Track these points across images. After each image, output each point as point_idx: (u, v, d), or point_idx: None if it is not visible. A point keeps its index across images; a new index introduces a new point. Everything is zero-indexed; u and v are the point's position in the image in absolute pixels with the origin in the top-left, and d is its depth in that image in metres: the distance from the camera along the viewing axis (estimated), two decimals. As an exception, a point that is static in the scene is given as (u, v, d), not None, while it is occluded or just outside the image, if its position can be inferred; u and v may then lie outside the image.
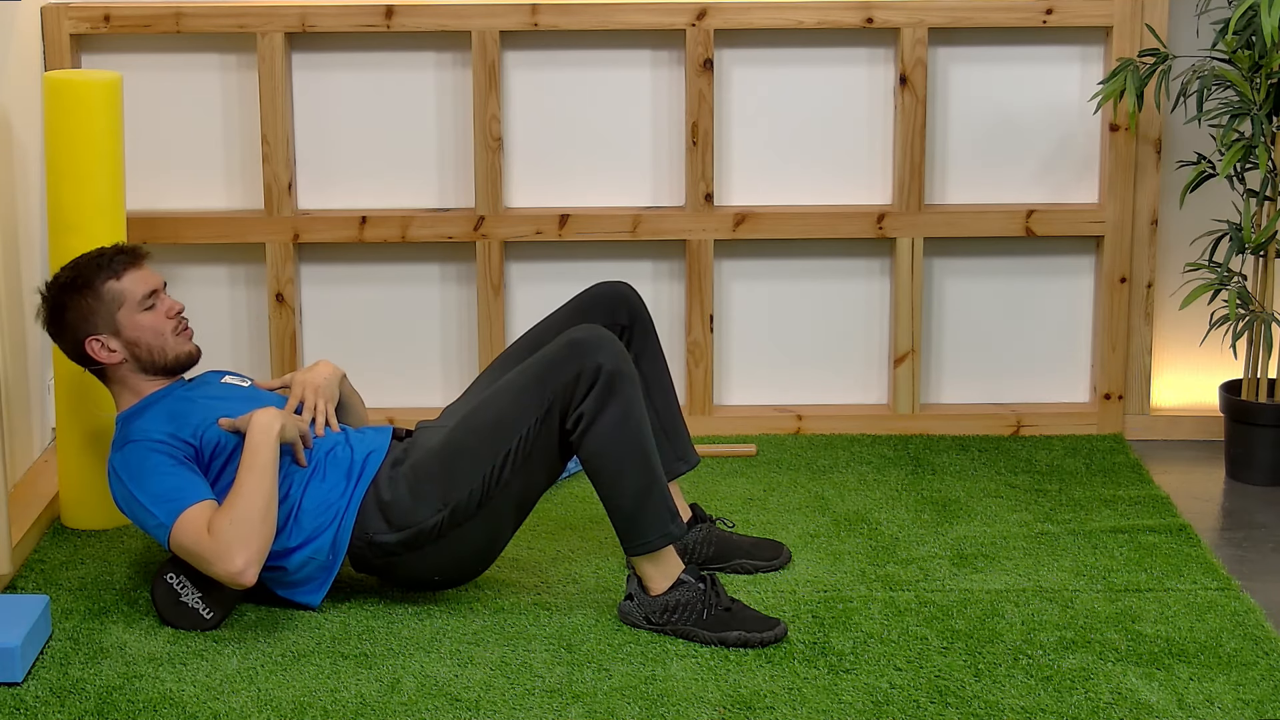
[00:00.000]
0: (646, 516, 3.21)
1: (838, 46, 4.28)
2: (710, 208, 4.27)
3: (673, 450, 3.52)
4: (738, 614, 3.20)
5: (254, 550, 3.13)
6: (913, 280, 4.30)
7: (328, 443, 3.38)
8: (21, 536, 3.57)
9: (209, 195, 4.34)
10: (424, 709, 2.95)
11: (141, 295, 3.35)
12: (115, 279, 3.35)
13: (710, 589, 3.22)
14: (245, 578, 3.12)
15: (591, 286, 3.57)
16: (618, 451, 3.19)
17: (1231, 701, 2.97)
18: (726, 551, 3.52)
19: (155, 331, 3.35)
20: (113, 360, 3.35)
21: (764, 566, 3.51)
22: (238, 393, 3.43)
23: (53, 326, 3.39)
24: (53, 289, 3.39)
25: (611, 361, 3.19)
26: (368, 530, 3.28)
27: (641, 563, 3.24)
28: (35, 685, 3.04)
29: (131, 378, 3.37)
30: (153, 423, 3.29)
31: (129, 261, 3.37)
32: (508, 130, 4.30)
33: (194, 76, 4.28)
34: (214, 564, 3.12)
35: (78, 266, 3.38)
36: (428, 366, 4.43)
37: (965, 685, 3.02)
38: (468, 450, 3.25)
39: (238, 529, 3.13)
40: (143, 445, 3.25)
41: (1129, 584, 3.45)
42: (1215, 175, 4.01)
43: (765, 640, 3.17)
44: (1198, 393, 4.41)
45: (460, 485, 3.23)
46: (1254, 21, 3.79)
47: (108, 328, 3.34)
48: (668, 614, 3.21)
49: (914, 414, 4.37)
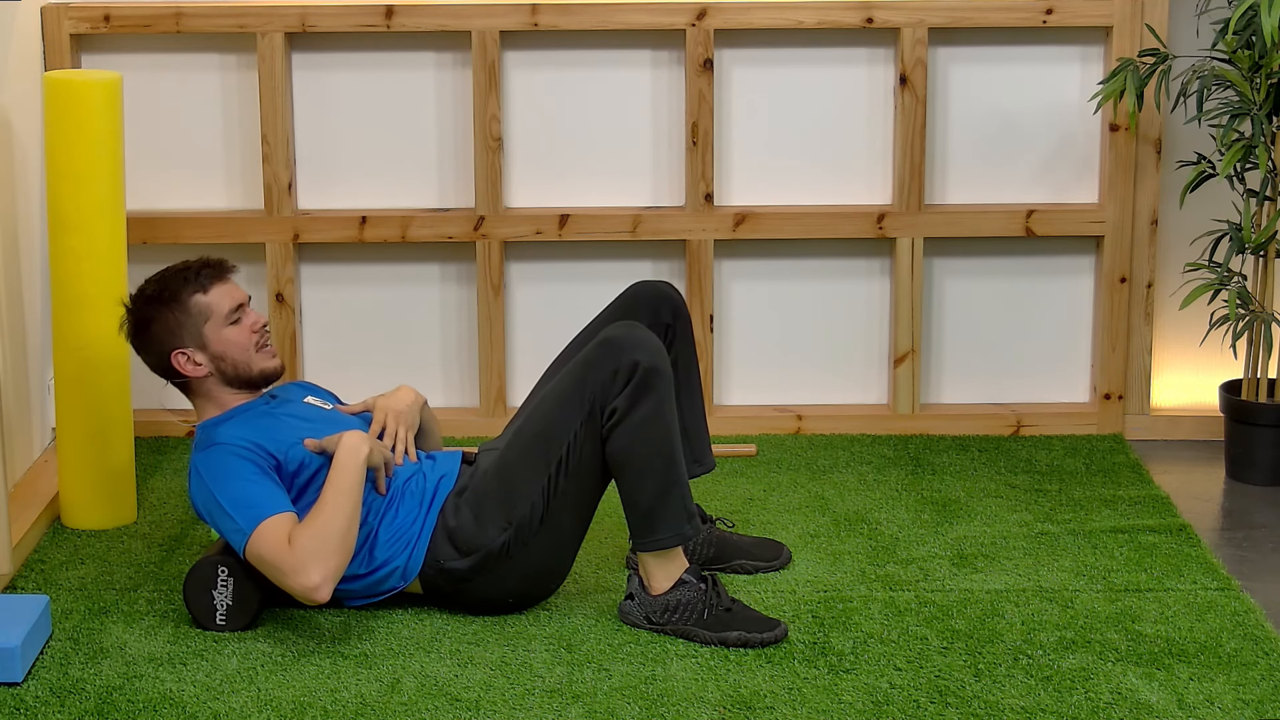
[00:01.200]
0: (665, 514, 3.21)
1: (838, 46, 4.28)
2: (710, 208, 4.27)
3: (690, 452, 3.52)
4: (738, 614, 3.20)
5: (331, 568, 3.11)
6: (913, 280, 4.30)
7: (406, 471, 3.37)
8: (21, 536, 3.57)
9: (209, 195, 4.34)
10: (424, 709, 2.95)
11: (228, 310, 3.33)
12: (202, 293, 3.33)
13: (711, 589, 3.22)
14: (320, 594, 3.10)
15: (632, 286, 3.55)
16: (645, 449, 3.19)
17: (1231, 701, 2.97)
18: (727, 552, 3.52)
19: (241, 346, 3.34)
20: (198, 374, 3.33)
21: (764, 567, 3.51)
22: (320, 414, 3.42)
23: (137, 339, 3.37)
24: (138, 302, 3.37)
25: (649, 358, 3.19)
26: (439, 558, 3.27)
27: (647, 559, 3.24)
28: (35, 685, 3.04)
29: (216, 390, 3.36)
30: (239, 430, 3.27)
31: (215, 275, 3.36)
32: (508, 130, 4.30)
33: (194, 76, 4.28)
34: (290, 577, 3.10)
35: (164, 280, 3.36)
36: (428, 366, 4.43)
37: (965, 685, 3.03)
38: (522, 465, 3.24)
39: (318, 545, 3.11)
40: (229, 449, 3.23)
41: (1129, 584, 3.45)
42: (1215, 175, 4.01)
43: (765, 641, 3.17)
44: (1198, 393, 4.41)
45: (521, 502, 3.23)
46: (1254, 21, 3.79)
47: (194, 341, 3.32)
48: (668, 613, 3.21)
49: (914, 414, 4.37)
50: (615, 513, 3.74)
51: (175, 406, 4.21)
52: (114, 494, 3.76)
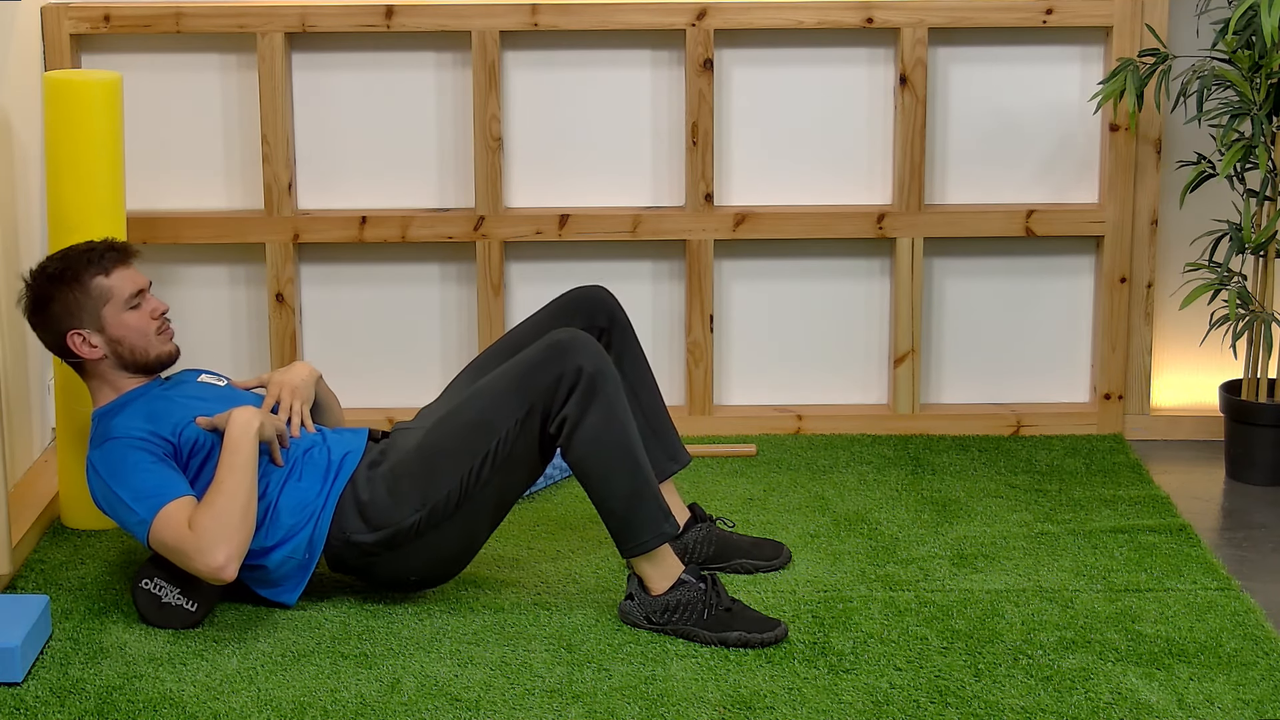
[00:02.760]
0: (639, 517, 3.21)
1: (838, 46, 4.28)
2: (710, 208, 4.27)
3: (663, 450, 3.52)
4: (738, 614, 3.20)
5: (235, 546, 3.13)
6: (913, 280, 4.30)
7: (305, 443, 3.39)
8: (21, 536, 3.57)
9: (209, 195, 4.34)
10: (424, 709, 2.95)
11: (129, 294, 3.35)
12: (104, 275, 3.34)
13: (711, 589, 3.22)
14: (226, 573, 3.12)
15: (568, 291, 3.58)
16: (604, 453, 3.20)
17: (1231, 701, 2.97)
18: (726, 551, 3.52)
19: (139, 331, 3.35)
20: (94, 356, 3.35)
21: (764, 566, 3.51)
22: (215, 392, 3.44)
23: (35, 316, 3.38)
24: (39, 279, 3.38)
25: (592, 363, 3.20)
26: (345, 530, 3.29)
27: (640, 563, 3.24)
28: (35, 685, 3.04)
29: (111, 374, 3.37)
30: (132, 420, 3.28)
31: (119, 259, 3.37)
32: (508, 130, 4.30)
33: (194, 76, 4.28)
34: (195, 559, 3.12)
35: (66, 259, 3.37)
36: (428, 366, 4.43)
37: (965, 685, 3.02)
38: (447, 451, 3.25)
39: (219, 524, 3.13)
40: (123, 443, 3.24)
41: (1129, 584, 3.45)
42: (1215, 175, 4.01)
43: (765, 641, 3.17)
44: (1198, 393, 4.41)
45: (439, 485, 3.24)
46: (1254, 21, 3.79)
47: (92, 323, 3.34)
48: (668, 614, 3.21)
49: (914, 414, 4.37)
50: (615, 513, 3.75)
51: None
52: (114, 494, 3.76)
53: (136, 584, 3.26)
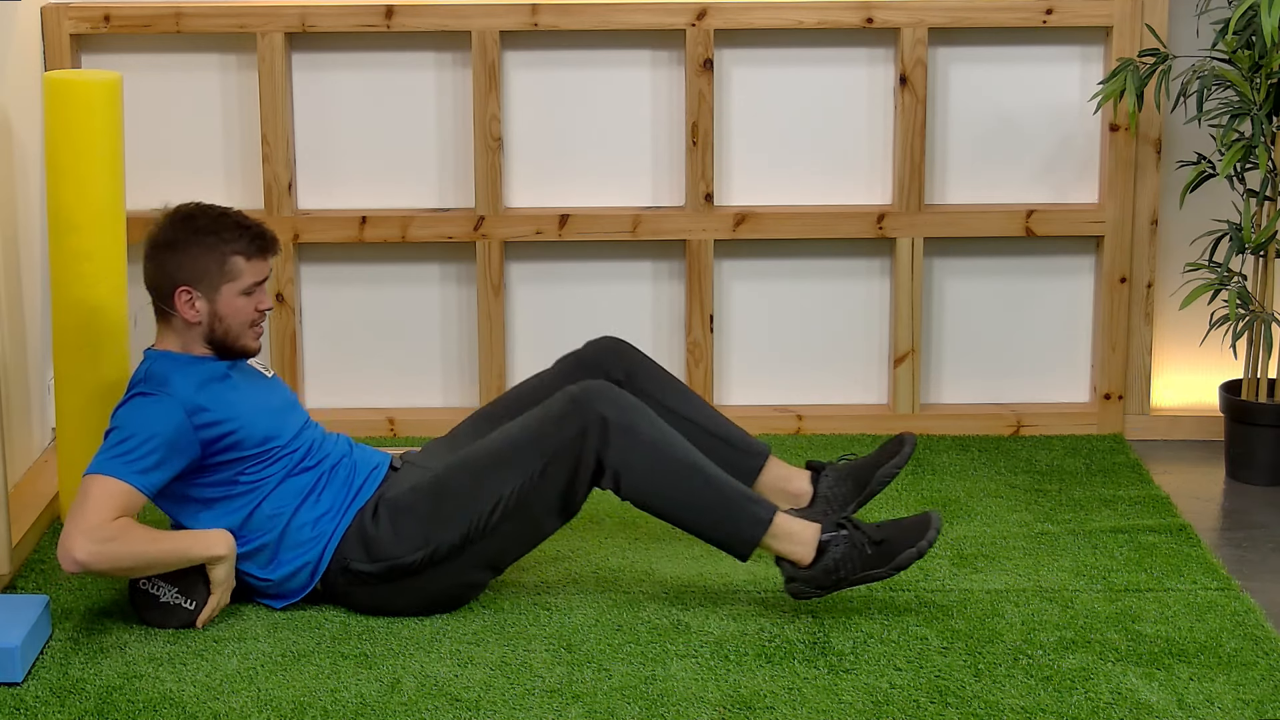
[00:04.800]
0: (735, 519, 3.20)
1: (838, 46, 4.28)
2: (710, 208, 4.27)
3: (741, 451, 3.52)
4: (892, 537, 3.18)
5: (98, 567, 3.10)
6: (913, 280, 4.30)
7: (334, 455, 3.37)
8: (21, 536, 3.57)
9: (209, 195, 4.30)
10: (424, 709, 2.95)
11: (251, 283, 3.29)
12: (244, 258, 3.28)
13: (855, 531, 3.20)
14: (67, 566, 3.09)
15: (581, 347, 3.58)
16: (669, 484, 3.19)
17: (1231, 701, 2.97)
18: (861, 476, 3.51)
19: (241, 318, 3.30)
20: (190, 318, 3.28)
21: (899, 463, 3.49)
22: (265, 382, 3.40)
23: (159, 252, 3.29)
24: (183, 223, 3.29)
25: (613, 409, 3.19)
26: (346, 557, 3.28)
27: (770, 548, 3.21)
28: (35, 685, 3.04)
29: (191, 337, 3.31)
30: (191, 389, 3.23)
31: (263, 250, 3.30)
32: (508, 130, 4.30)
33: (194, 76, 4.28)
34: (75, 533, 3.08)
35: (219, 223, 3.28)
36: (428, 366, 4.43)
37: (965, 685, 3.02)
38: (459, 494, 3.23)
39: (116, 548, 3.11)
40: (168, 403, 3.21)
41: (1129, 584, 3.45)
42: (1215, 175, 4.01)
43: (932, 539, 3.16)
44: (1198, 393, 4.41)
45: (446, 528, 3.22)
46: (1254, 21, 3.79)
47: (208, 292, 3.27)
48: (831, 574, 3.19)
49: (914, 414, 4.37)
50: (615, 515, 3.75)
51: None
52: (114, 494, 3.76)
53: (134, 584, 3.26)
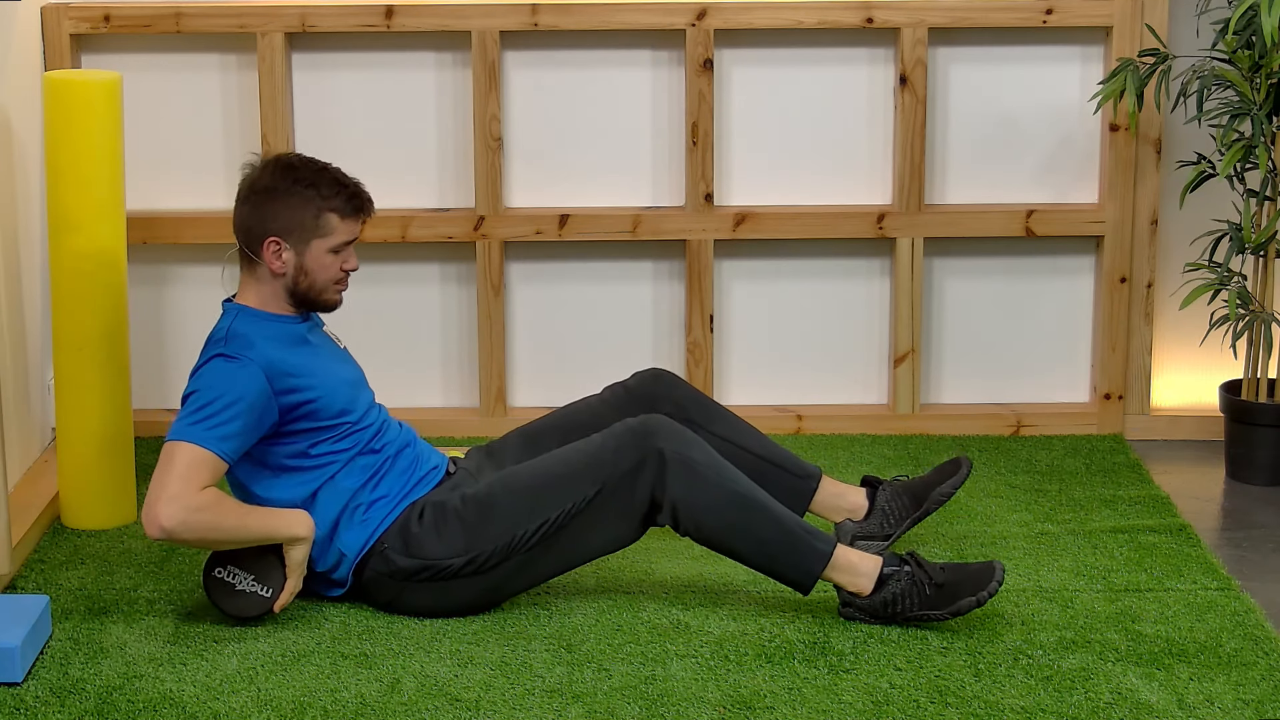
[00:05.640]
0: (793, 555, 3.20)
1: (838, 46, 4.28)
2: (710, 208, 4.27)
3: (793, 475, 3.53)
4: (954, 580, 3.19)
5: (182, 537, 3.09)
6: (913, 280, 4.30)
7: (399, 441, 3.37)
8: (21, 536, 3.57)
9: (209, 195, 4.34)
10: (424, 709, 2.95)
11: (342, 241, 3.27)
12: (339, 216, 3.25)
13: (918, 569, 3.21)
14: (151, 531, 3.08)
15: (628, 378, 3.58)
16: (728, 517, 3.20)
17: (1231, 701, 2.97)
18: (918, 494, 3.53)
19: (327, 274, 3.27)
20: (276, 269, 3.26)
21: (957, 482, 3.51)
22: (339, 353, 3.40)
23: (255, 198, 3.26)
24: (285, 174, 3.25)
25: (670, 443, 3.20)
26: (384, 544, 3.27)
27: (831, 580, 3.23)
28: (35, 685, 3.04)
29: (273, 289, 3.28)
30: (273, 350, 3.22)
31: (358, 210, 3.27)
32: (508, 130, 4.30)
33: (194, 76, 4.28)
34: (161, 501, 3.08)
35: (319, 175, 3.25)
36: (428, 366, 4.43)
37: (965, 685, 3.02)
38: (508, 510, 3.23)
39: (205, 517, 3.10)
40: (248, 368, 3.19)
41: (1129, 584, 3.45)
42: (1215, 175, 4.01)
43: (994, 590, 3.15)
44: (1198, 393, 4.41)
45: (487, 539, 3.23)
46: (1254, 21, 3.79)
47: (298, 244, 3.24)
48: (890, 608, 3.21)
49: (914, 414, 4.37)
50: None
51: (175, 407, 4.20)
52: (114, 494, 3.76)
53: (209, 573, 3.22)
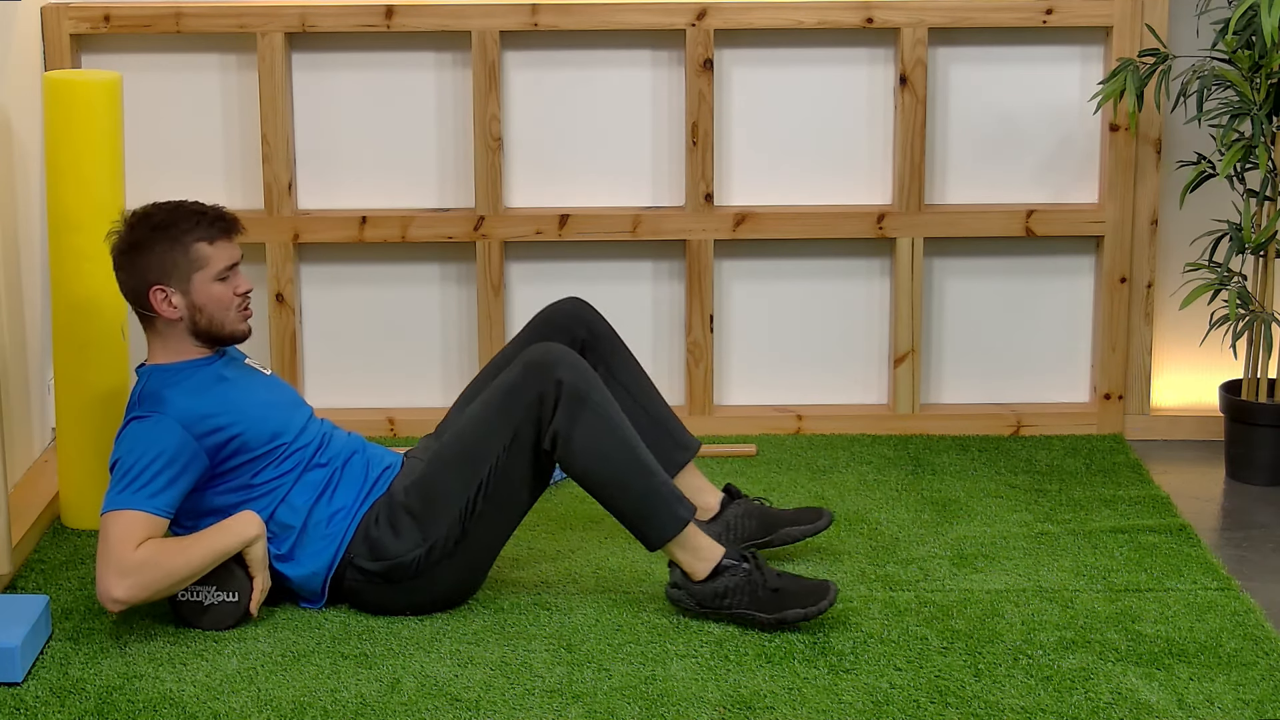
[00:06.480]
0: (652, 509, 3.21)
1: (838, 46, 4.28)
2: (710, 208, 4.27)
3: (671, 441, 3.53)
4: (788, 589, 3.19)
5: (141, 596, 3.11)
6: (913, 280, 4.30)
7: (345, 451, 3.37)
8: (21, 536, 3.57)
9: (209, 195, 4.30)
10: (424, 709, 2.95)
11: (223, 266, 3.28)
12: (208, 243, 3.26)
13: (756, 569, 3.21)
14: (111, 606, 3.10)
15: (545, 308, 3.58)
16: (605, 458, 3.20)
17: (1231, 701, 2.97)
18: (769, 524, 3.52)
19: (222, 304, 3.28)
20: (170, 316, 3.27)
21: (809, 531, 3.50)
22: (263, 380, 3.39)
23: (125, 258, 3.29)
24: (142, 224, 3.29)
25: (570, 374, 3.19)
26: (354, 554, 3.28)
27: (673, 551, 3.23)
28: (35, 685, 3.04)
29: (178, 336, 3.30)
30: (189, 401, 3.22)
31: (225, 230, 3.29)
32: (508, 130, 4.30)
33: (194, 76, 4.28)
34: (107, 574, 3.09)
35: (176, 214, 3.28)
36: (428, 366, 4.43)
37: (965, 685, 3.02)
38: (441, 486, 3.24)
39: (150, 573, 3.11)
40: (166, 423, 3.19)
41: (1129, 584, 3.45)
42: (1215, 175, 4.01)
43: (823, 609, 3.16)
44: (1198, 393, 4.41)
45: (438, 522, 3.23)
46: (1254, 21, 3.79)
47: (180, 285, 3.26)
48: (719, 599, 3.21)
49: (914, 414, 4.37)
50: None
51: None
52: (114, 494, 3.76)
53: (172, 601, 3.24)
